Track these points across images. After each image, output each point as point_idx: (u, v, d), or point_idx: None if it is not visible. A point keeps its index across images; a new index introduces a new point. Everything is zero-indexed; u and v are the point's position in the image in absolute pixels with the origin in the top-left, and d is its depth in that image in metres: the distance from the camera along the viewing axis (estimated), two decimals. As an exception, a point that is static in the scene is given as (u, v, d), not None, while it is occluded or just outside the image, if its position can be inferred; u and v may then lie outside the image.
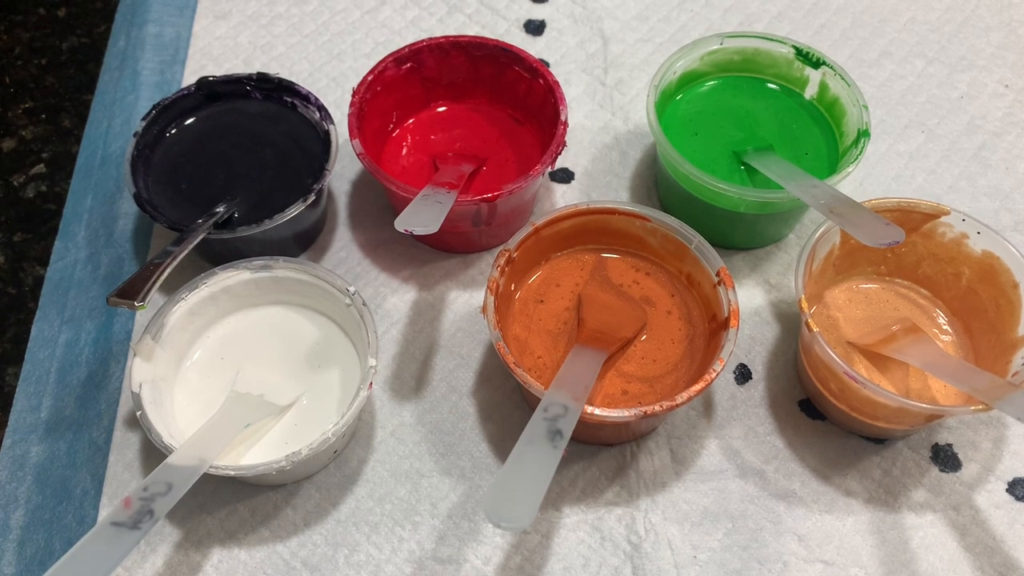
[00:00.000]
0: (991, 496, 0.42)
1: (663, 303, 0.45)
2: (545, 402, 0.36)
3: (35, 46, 1.31)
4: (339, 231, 0.52)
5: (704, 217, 0.47)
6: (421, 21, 0.62)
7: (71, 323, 0.49)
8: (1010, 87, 0.58)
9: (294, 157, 0.50)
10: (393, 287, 0.50)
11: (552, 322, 0.44)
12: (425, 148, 0.52)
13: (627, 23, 0.62)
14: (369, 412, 0.45)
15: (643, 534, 0.41)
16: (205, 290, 0.43)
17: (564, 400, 0.36)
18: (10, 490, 0.43)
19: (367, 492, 0.43)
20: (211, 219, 0.45)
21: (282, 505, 0.42)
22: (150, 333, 0.41)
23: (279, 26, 0.62)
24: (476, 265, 0.50)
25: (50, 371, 0.47)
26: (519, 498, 0.31)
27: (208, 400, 0.42)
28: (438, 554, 0.41)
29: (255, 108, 0.52)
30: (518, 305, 0.45)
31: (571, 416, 0.36)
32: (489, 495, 0.31)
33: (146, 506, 0.34)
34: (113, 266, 0.51)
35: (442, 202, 0.42)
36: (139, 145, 0.48)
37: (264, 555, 0.41)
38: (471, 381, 0.46)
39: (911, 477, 0.43)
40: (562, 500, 0.42)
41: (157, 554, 0.41)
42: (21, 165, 1.17)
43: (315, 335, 0.45)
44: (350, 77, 0.58)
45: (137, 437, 0.44)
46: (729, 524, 0.42)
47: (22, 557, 0.41)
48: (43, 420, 0.45)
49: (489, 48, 0.51)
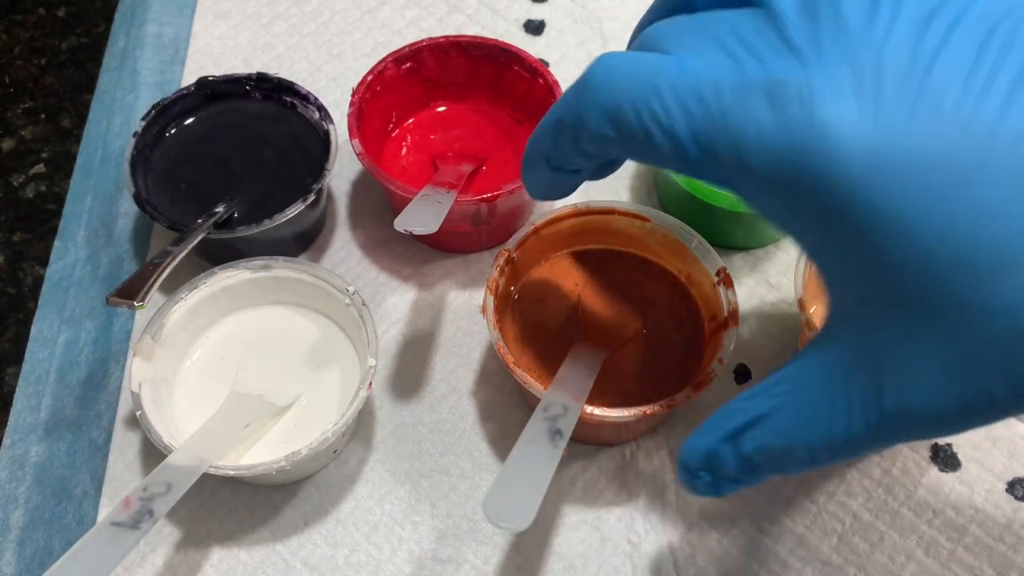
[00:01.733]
0: (991, 496, 0.42)
1: (663, 303, 0.45)
2: (545, 402, 0.36)
3: (35, 46, 1.31)
4: (339, 231, 0.52)
5: (704, 217, 0.47)
6: (421, 21, 0.62)
7: (71, 323, 0.49)
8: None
9: (294, 157, 0.50)
10: (393, 287, 0.50)
11: (552, 322, 0.44)
12: (425, 148, 0.52)
13: (627, 23, 0.62)
14: (369, 412, 0.45)
15: (643, 534, 0.41)
16: (205, 290, 0.43)
17: (564, 400, 0.36)
18: (10, 490, 0.43)
19: (367, 492, 0.43)
20: (211, 219, 0.45)
21: (282, 505, 0.42)
22: (150, 333, 0.41)
23: (279, 26, 0.62)
24: (476, 265, 0.50)
25: (50, 371, 0.47)
26: (519, 498, 0.31)
27: (208, 400, 0.42)
28: (438, 554, 0.41)
29: (255, 108, 0.52)
30: (518, 305, 0.45)
31: (571, 416, 0.35)
32: (489, 496, 0.31)
33: (146, 506, 0.34)
34: (113, 266, 0.51)
35: (442, 202, 0.42)
36: (139, 145, 0.48)
37: (264, 555, 0.41)
38: (471, 381, 0.46)
39: (911, 477, 0.43)
40: (562, 500, 0.42)
41: (157, 554, 0.41)
42: (21, 165, 1.17)
43: (315, 335, 0.45)
44: (350, 77, 0.58)
45: (137, 437, 0.44)
46: (728, 524, 0.42)
47: (22, 557, 0.41)
48: (43, 420, 0.45)
49: (489, 48, 0.51)
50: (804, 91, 0.23)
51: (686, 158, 0.26)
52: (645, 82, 0.26)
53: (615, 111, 0.27)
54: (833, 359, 0.26)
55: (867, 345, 0.25)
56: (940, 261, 0.22)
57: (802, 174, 0.23)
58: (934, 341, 0.23)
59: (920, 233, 0.22)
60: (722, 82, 0.24)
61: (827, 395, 0.26)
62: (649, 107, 0.26)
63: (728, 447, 0.29)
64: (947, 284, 0.22)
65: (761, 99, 0.23)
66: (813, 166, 0.23)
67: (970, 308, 0.22)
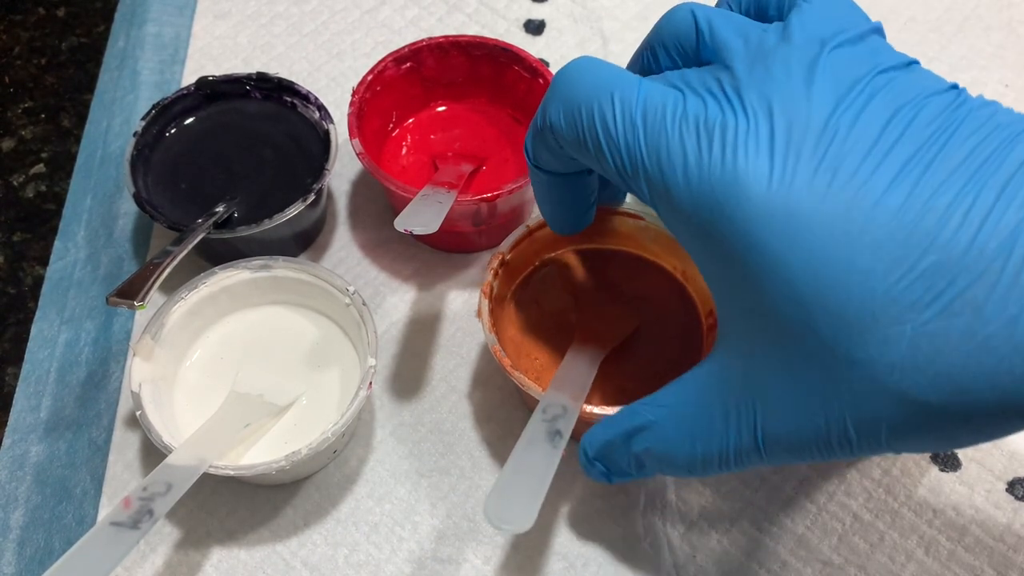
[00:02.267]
0: (991, 496, 0.42)
1: (659, 300, 0.45)
2: (543, 403, 0.36)
3: (35, 46, 1.31)
4: (339, 231, 0.52)
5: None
6: (421, 20, 0.62)
7: (71, 323, 0.49)
8: (1010, 87, 0.58)
9: (294, 157, 0.50)
10: (393, 287, 0.50)
11: (548, 323, 0.44)
12: (425, 148, 0.52)
13: (627, 23, 0.62)
14: (369, 412, 0.45)
15: (642, 534, 0.41)
16: (205, 290, 0.43)
17: (562, 401, 0.36)
18: (10, 490, 0.43)
19: (367, 492, 0.43)
20: (211, 219, 0.45)
21: (282, 505, 0.42)
22: (150, 333, 0.41)
23: (278, 26, 0.62)
24: (476, 265, 0.50)
25: (50, 371, 0.47)
26: (520, 500, 0.31)
27: (208, 400, 0.42)
28: (438, 554, 0.41)
29: (255, 108, 0.52)
30: (513, 307, 0.45)
31: (570, 416, 0.35)
32: (489, 498, 0.31)
33: (146, 506, 0.34)
34: (113, 266, 0.51)
35: (442, 202, 0.42)
36: (139, 145, 0.48)
37: (264, 555, 0.41)
38: (471, 381, 0.46)
39: (911, 477, 0.43)
40: (561, 500, 0.42)
41: (157, 554, 0.41)
42: (21, 165, 1.17)
43: (315, 335, 0.45)
44: (350, 77, 0.58)
45: (137, 437, 0.44)
46: (728, 524, 0.42)
47: (22, 557, 0.41)
48: (43, 420, 0.45)
49: (489, 48, 0.51)
50: (728, 133, 0.26)
51: (622, 171, 0.29)
52: (603, 88, 0.29)
53: (572, 108, 0.30)
54: (714, 380, 0.30)
55: (745, 372, 0.28)
56: (815, 308, 0.24)
57: (711, 207, 0.26)
58: (802, 377, 0.26)
59: (801, 282, 0.24)
60: (667, 108, 0.27)
61: (704, 411, 0.30)
62: (601, 110, 0.29)
63: (622, 444, 0.33)
64: (818, 329, 0.25)
65: (692, 133, 0.27)
66: (721, 203, 0.26)
67: (834, 353, 0.25)
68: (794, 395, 0.26)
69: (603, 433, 0.34)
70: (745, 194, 0.25)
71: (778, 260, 0.25)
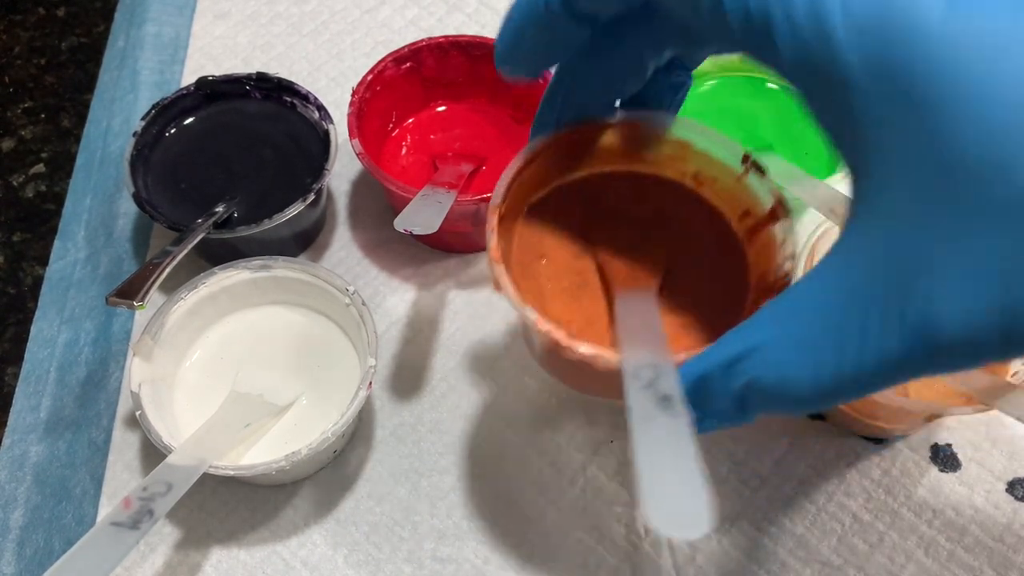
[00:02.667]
0: (991, 496, 0.42)
1: (679, 215, 0.36)
2: (630, 369, 0.28)
3: (35, 46, 1.31)
4: (339, 231, 0.52)
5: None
6: (421, 21, 0.62)
7: (70, 323, 0.49)
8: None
9: (294, 157, 0.50)
10: (393, 287, 0.50)
11: (563, 277, 0.35)
12: (425, 148, 0.52)
13: (627, 23, 0.62)
14: (369, 412, 0.45)
15: (643, 534, 0.41)
16: (204, 290, 0.43)
17: (650, 359, 0.28)
18: (9, 490, 0.43)
19: (367, 492, 0.43)
20: (210, 219, 0.45)
21: (282, 505, 0.42)
22: (150, 333, 0.41)
23: (278, 26, 0.62)
24: (476, 265, 0.50)
25: (49, 371, 0.47)
26: (679, 493, 0.24)
27: (208, 400, 0.42)
28: (438, 554, 0.41)
29: (254, 108, 0.52)
30: (517, 270, 0.35)
31: (667, 373, 0.27)
32: (647, 504, 0.23)
33: (146, 506, 0.34)
34: (113, 266, 0.51)
35: (442, 202, 0.42)
36: (138, 145, 0.48)
37: (264, 555, 0.41)
38: (471, 380, 0.46)
39: (910, 477, 0.43)
40: (561, 499, 0.42)
41: (157, 554, 0.41)
42: (20, 165, 1.17)
43: (315, 335, 0.45)
44: (349, 77, 0.58)
45: (137, 437, 0.44)
46: (727, 525, 0.42)
47: (21, 557, 0.41)
48: (42, 420, 0.45)
49: (489, 47, 0.51)
50: None
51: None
52: None
53: None
54: (854, 274, 0.23)
55: (905, 253, 0.22)
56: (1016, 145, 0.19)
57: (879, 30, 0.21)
58: (992, 242, 0.20)
59: (1000, 115, 0.19)
60: None
61: (839, 318, 0.23)
62: None
63: (721, 377, 0.26)
64: (1017, 169, 0.19)
65: None
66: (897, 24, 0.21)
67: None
68: (985, 268, 0.20)
69: (697, 366, 0.26)
70: (926, 12, 0.20)
71: (970, 89, 0.20)
